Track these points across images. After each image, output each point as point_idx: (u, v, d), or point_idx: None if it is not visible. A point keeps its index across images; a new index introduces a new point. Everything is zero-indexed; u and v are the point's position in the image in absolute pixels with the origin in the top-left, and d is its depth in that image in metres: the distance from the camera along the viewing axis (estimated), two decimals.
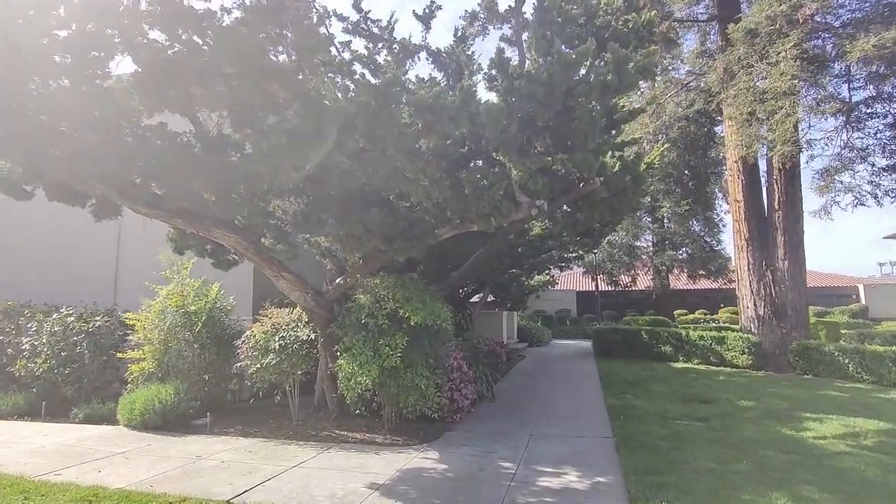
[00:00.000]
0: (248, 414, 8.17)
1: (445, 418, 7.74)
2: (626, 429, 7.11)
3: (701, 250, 27.79)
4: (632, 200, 7.33)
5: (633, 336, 16.40)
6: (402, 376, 6.76)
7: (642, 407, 8.60)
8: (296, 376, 7.46)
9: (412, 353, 6.79)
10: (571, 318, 34.15)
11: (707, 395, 9.78)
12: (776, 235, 14.26)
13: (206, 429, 7.28)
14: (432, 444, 6.57)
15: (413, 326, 6.81)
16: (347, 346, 6.93)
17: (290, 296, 7.32)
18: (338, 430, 7.26)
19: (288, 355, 7.01)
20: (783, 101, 11.31)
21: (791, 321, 13.85)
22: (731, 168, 15.48)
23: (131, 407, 7.25)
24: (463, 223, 6.74)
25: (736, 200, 15.12)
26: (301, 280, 7.25)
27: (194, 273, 8.55)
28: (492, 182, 6.15)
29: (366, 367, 6.61)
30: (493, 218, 6.38)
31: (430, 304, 6.93)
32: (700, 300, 37.62)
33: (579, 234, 11.75)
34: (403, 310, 6.73)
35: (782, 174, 14.24)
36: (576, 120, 5.86)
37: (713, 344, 14.32)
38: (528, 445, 6.41)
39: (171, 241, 6.95)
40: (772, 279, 14.18)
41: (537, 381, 11.88)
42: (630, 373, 12.79)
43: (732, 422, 7.57)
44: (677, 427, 7.22)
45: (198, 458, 5.89)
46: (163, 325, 8.01)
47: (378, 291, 7.04)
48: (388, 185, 6.12)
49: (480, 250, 9.46)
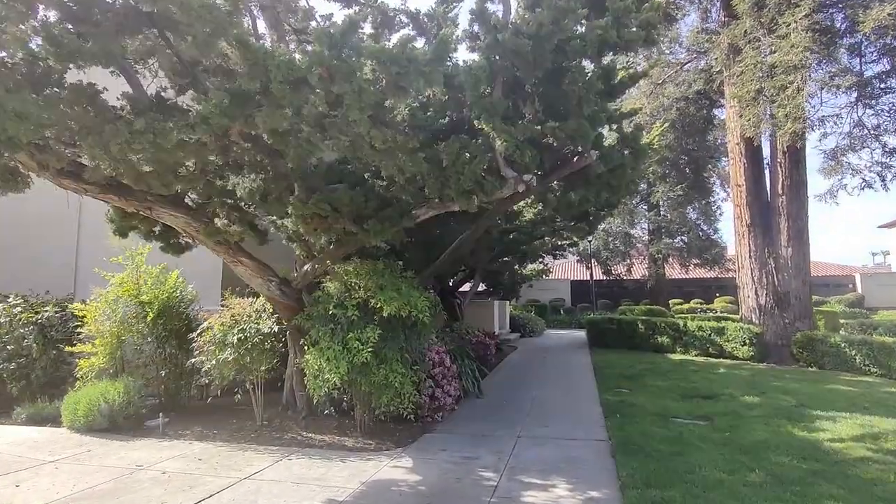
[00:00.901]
0: (211, 413, 7.46)
1: (425, 418, 7.07)
2: (623, 429, 6.45)
3: (697, 238, 27.21)
4: (631, 178, 6.61)
5: (628, 326, 15.77)
6: (374, 373, 6.06)
7: (640, 404, 7.95)
8: (260, 373, 6.73)
9: (386, 347, 6.08)
10: (566, 308, 33.58)
11: (709, 389, 9.15)
12: (779, 221, 13.62)
13: (159, 431, 6.56)
14: (407, 449, 5.88)
15: (387, 318, 6.10)
16: (314, 339, 6.23)
17: (251, 284, 6.59)
18: (305, 431, 6.57)
19: (247, 350, 6.28)
20: (793, 75, 10.60)
21: (794, 311, 13.24)
22: (732, 151, 14.78)
23: (75, 407, 6.51)
24: (442, 202, 6.00)
25: (737, 185, 14.44)
26: (262, 266, 6.51)
27: (156, 260, 7.78)
28: (473, 154, 5.40)
29: (334, 364, 5.91)
30: (475, 196, 5.64)
31: (405, 292, 6.21)
32: (695, 289, 37.20)
33: (573, 218, 11.03)
34: (375, 299, 6.01)
35: (787, 157, 13.57)
36: (568, 82, 5.12)
37: (712, 335, 13.71)
38: (515, 450, 5.74)
39: (111, 222, 6.17)
40: (774, 267, 13.55)
41: (528, 374, 11.23)
42: (626, 365, 12.16)
43: (738, 421, 6.92)
44: (679, 427, 6.57)
45: (138, 467, 5.17)
46: (115, 317, 7.26)
47: (348, 279, 6.32)
48: (354, 158, 5.36)
49: (465, 234, 8.70)
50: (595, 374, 11.07)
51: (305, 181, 5.90)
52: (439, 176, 5.69)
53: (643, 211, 30.37)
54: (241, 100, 4.32)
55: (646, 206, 30.22)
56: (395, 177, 5.31)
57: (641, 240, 31.29)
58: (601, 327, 16.51)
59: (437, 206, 6.13)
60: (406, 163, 5.21)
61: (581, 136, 5.35)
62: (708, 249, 26.86)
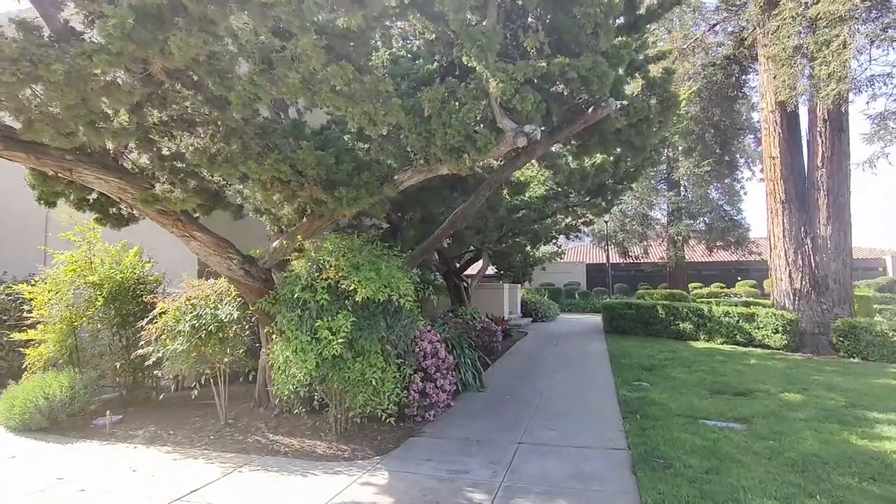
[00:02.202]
0: (174, 409, 6.61)
1: (414, 417, 6.14)
2: (645, 435, 5.43)
3: (720, 220, 25.85)
4: (658, 135, 5.47)
5: (648, 312, 14.63)
6: (348, 368, 5.11)
7: (663, 402, 6.92)
8: (222, 365, 5.84)
9: (362, 337, 5.12)
10: (580, 292, 32.42)
11: (741, 384, 8.07)
12: (817, 197, 12.32)
13: (106, 431, 5.73)
14: (387, 458, 4.95)
15: (364, 303, 5.13)
16: (280, 327, 5.30)
17: (209, 263, 5.65)
18: (273, 433, 5.68)
19: (201, 339, 5.37)
20: (839, 28, 9.26)
21: (833, 295, 12.01)
22: (765, 120, 13.41)
23: (12, 404, 5.69)
24: (428, 163, 4.97)
25: (770, 157, 13.11)
26: (220, 242, 5.56)
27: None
28: (462, 100, 4.35)
29: (301, 356, 4.99)
30: (465, 154, 4.60)
31: (386, 273, 5.21)
32: (716, 273, 35.79)
33: (588, 192, 9.93)
34: (349, 280, 5.03)
35: (827, 125, 12.20)
36: (582, 5, 4.01)
37: (741, 321, 12.53)
38: (514, 462, 4.77)
39: (31, 188, 5.25)
40: (811, 247, 12.29)
41: (538, 364, 10.23)
42: (645, 354, 11.09)
43: (782, 425, 5.86)
44: (711, 433, 5.53)
45: (58, 480, 4.32)
46: (64, 300, 6.40)
47: (319, 257, 5.35)
48: (310, 104, 4.35)
49: (459, 207, 7.65)
50: (611, 363, 10.04)
51: (264, 139, 4.90)
52: (422, 130, 4.65)
53: (663, 190, 28.99)
54: (152, 21, 3.31)
55: (665, 185, 28.84)
56: (367, 129, 4.28)
57: (660, 221, 29.94)
58: (618, 312, 15.40)
59: (423, 168, 5.09)
60: (378, 112, 4.18)
61: (597, 78, 4.25)
62: (731, 231, 25.51)
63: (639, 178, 10.95)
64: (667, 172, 27.57)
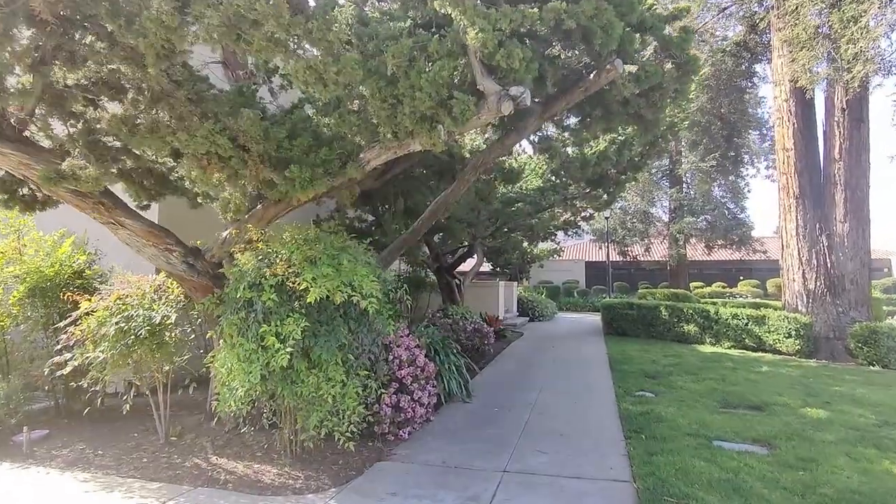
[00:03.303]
0: (115, 422, 5.79)
1: (386, 435, 5.33)
2: (653, 463, 4.63)
3: (723, 217, 25.06)
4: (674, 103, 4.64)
5: (650, 312, 13.82)
6: (301, 382, 4.30)
7: (670, 418, 6.11)
8: (161, 374, 5.03)
9: (317, 345, 4.29)
10: (579, 290, 31.65)
11: (755, 395, 7.27)
12: (834, 192, 11.49)
13: (24, 449, 4.91)
14: (344, 491, 4.14)
15: (321, 304, 4.32)
16: (222, 333, 4.49)
17: (143, 255, 4.82)
18: (219, 455, 4.86)
19: (127, 347, 4.54)
20: (867, 2, 8.41)
21: (850, 297, 11.20)
22: (779, 110, 12.56)
23: None
24: (397, 137, 4.13)
25: (784, 149, 12.27)
26: (156, 231, 4.73)
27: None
28: (435, 57, 3.52)
29: (245, 367, 4.19)
30: (440, 124, 3.76)
31: (348, 269, 4.39)
32: (718, 272, 35.10)
33: (589, 183, 9.09)
34: (301, 277, 4.21)
35: (846, 115, 11.37)
36: None
37: (750, 324, 11.72)
38: (495, 499, 3.95)
39: None
40: (827, 245, 11.47)
41: (532, 369, 9.42)
42: (648, 359, 10.29)
43: (809, 449, 5.06)
44: (730, 460, 4.72)
45: None
46: None
47: (269, 249, 4.52)
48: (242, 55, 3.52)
49: (442, 194, 6.80)
50: (611, 370, 9.23)
51: (199, 106, 4.07)
52: (387, 95, 3.82)
53: (665, 187, 28.17)
54: None
55: (667, 182, 28.03)
56: (312, 89, 3.45)
57: (661, 219, 29.14)
58: (618, 312, 14.58)
59: (391, 144, 4.26)
60: (328, 68, 3.34)
61: (601, 30, 3.43)
62: (734, 229, 24.73)
63: (644, 168, 10.10)
64: (669, 168, 26.78)
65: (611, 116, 4.46)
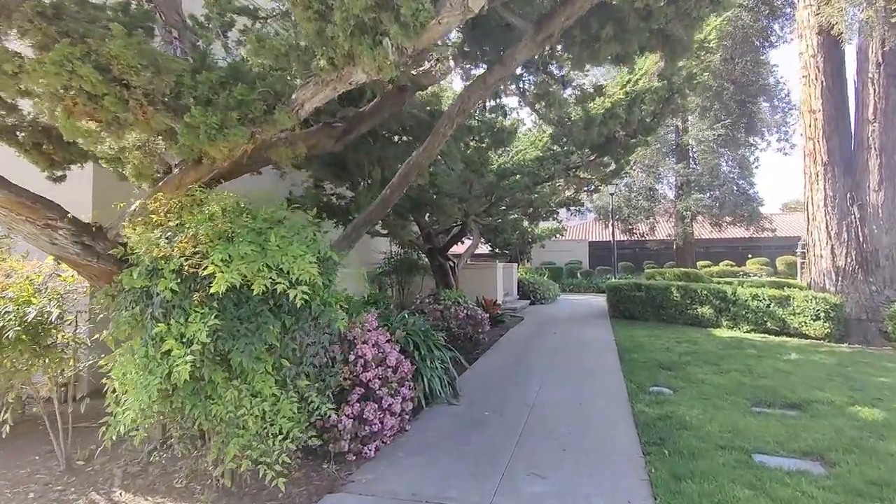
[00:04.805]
0: (20, 440, 4.77)
1: (346, 454, 4.29)
2: (682, 492, 3.57)
3: (731, 193, 23.86)
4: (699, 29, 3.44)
5: (660, 293, 12.72)
6: (218, 397, 3.23)
7: (696, 423, 5.05)
8: (55, 385, 3.97)
9: (238, 349, 3.21)
10: (583, 271, 30.56)
11: (791, 390, 6.21)
12: (867, 157, 10.30)
13: None
14: None
15: (240, 295, 3.24)
16: (112, 333, 3.42)
17: (17, 232, 3.72)
18: (127, 487, 3.83)
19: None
20: None
21: (884, 274, 10.07)
22: (804, 66, 11.27)
23: None
24: (334, 64, 2.99)
25: (811, 111, 11.03)
26: (31, 203, 3.60)
27: None
28: None
29: (141, 378, 3.13)
30: (384, 36, 2.62)
31: (279, 247, 3.29)
32: (725, 251, 34.01)
33: (594, 147, 7.93)
34: (210, 259, 3.11)
35: (881, 70, 10.12)
36: None
37: (773, 305, 10.61)
38: None
39: None
40: (858, 217, 10.31)
41: (530, 361, 8.35)
42: (661, 347, 9.23)
43: (876, 467, 4.00)
44: (780, 486, 3.66)
45: None
46: None
47: (170, 222, 3.41)
48: None
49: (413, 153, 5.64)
50: (620, 360, 8.16)
51: (56, 24, 2.92)
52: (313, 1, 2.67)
53: (671, 162, 26.88)
54: None
55: (674, 157, 26.75)
56: None
57: (667, 196, 27.91)
58: (625, 294, 13.50)
59: (328, 75, 3.11)
60: None
61: None
62: (743, 205, 23.57)
63: (656, 131, 8.89)
64: (675, 143, 25.51)
65: (626, 36, 3.29)
